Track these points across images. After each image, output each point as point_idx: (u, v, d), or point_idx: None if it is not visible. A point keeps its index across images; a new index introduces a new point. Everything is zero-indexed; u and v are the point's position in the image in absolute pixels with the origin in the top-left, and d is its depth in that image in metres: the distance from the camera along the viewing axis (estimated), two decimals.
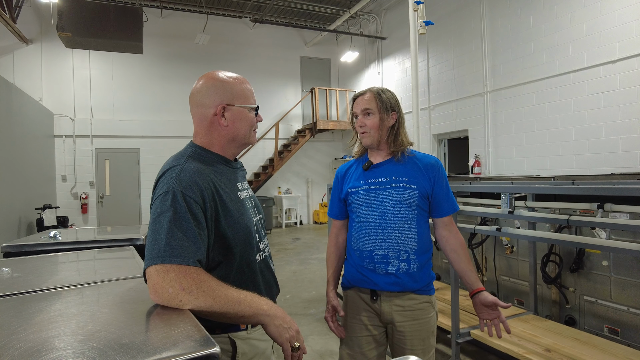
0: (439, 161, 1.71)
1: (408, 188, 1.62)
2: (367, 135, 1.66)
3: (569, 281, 2.99)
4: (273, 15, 11.13)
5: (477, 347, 3.17)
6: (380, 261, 1.61)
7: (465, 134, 8.23)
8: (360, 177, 1.71)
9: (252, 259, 1.23)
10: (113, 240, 2.66)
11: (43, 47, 9.26)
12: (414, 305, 1.64)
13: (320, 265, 6.48)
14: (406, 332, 1.63)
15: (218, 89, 1.24)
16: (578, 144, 6.12)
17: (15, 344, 0.81)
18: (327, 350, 3.37)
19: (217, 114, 1.24)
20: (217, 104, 1.23)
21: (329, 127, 11.15)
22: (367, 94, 1.67)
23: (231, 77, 1.27)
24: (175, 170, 1.14)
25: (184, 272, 1.00)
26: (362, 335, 1.67)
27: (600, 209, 2.49)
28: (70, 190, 9.56)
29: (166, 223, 1.04)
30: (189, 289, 0.99)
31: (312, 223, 12.12)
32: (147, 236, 1.07)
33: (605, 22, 5.73)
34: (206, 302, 1.00)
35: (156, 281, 0.99)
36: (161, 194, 1.09)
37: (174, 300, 0.98)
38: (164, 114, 10.44)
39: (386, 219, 1.61)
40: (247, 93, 1.28)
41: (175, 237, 1.03)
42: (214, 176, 1.19)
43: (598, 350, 2.33)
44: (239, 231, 1.18)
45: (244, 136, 1.29)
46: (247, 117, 1.28)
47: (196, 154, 1.23)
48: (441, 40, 8.64)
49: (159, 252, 1.01)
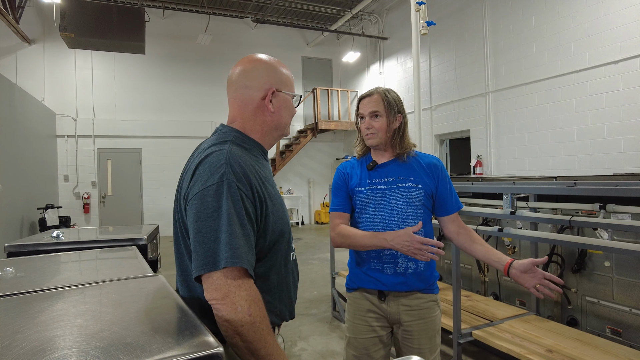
0: (440, 161, 1.73)
1: (414, 187, 1.63)
2: (374, 137, 1.66)
3: (571, 282, 2.99)
4: (275, 16, 11.14)
5: (479, 348, 3.17)
6: (389, 261, 1.62)
7: (467, 134, 8.22)
8: (365, 176, 1.71)
9: (288, 258, 1.17)
10: (115, 240, 2.67)
11: (46, 48, 9.29)
12: (421, 305, 1.65)
13: (322, 266, 6.49)
14: (413, 331, 1.64)
15: (269, 72, 1.15)
16: (580, 144, 6.11)
17: (19, 343, 0.82)
18: (329, 350, 3.37)
19: (265, 98, 1.14)
20: (268, 87, 1.14)
21: (331, 127, 11.15)
22: (374, 95, 1.67)
23: (277, 61, 1.19)
24: (221, 155, 1.02)
25: (253, 295, 0.95)
26: (368, 336, 1.67)
27: (603, 210, 2.49)
28: (73, 190, 9.59)
29: (226, 219, 0.95)
30: (252, 321, 0.93)
31: (313, 223, 12.12)
32: (198, 232, 0.96)
33: (607, 22, 5.71)
34: (255, 345, 0.93)
35: (228, 290, 0.92)
36: (213, 184, 0.97)
37: (237, 322, 0.92)
38: (166, 114, 10.46)
39: (394, 219, 1.62)
40: (292, 80, 1.21)
41: (235, 236, 0.95)
42: (258, 167, 1.09)
43: (600, 351, 2.33)
44: (283, 227, 1.11)
45: (285, 125, 1.21)
46: (291, 106, 1.21)
47: (238, 139, 1.11)
48: (443, 41, 8.63)
49: (229, 253, 0.93)
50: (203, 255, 0.95)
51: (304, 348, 3.42)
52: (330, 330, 3.81)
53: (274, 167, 10.80)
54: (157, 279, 1.40)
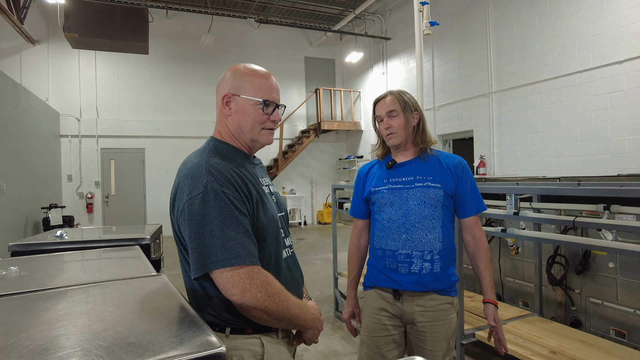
0: (463, 160, 1.71)
1: (432, 187, 1.62)
2: (395, 136, 1.66)
3: (574, 283, 2.97)
4: (278, 16, 11.15)
5: (482, 349, 3.16)
6: (404, 260, 1.61)
7: (470, 134, 8.20)
8: (383, 176, 1.71)
9: (279, 255, 1.22)
10: (118, 239, 2.68)
11: (50, 48, 9.33)
12: (436, 306, 1.62)
13: (324, 266, 6.48)
14: (427, 332, 1.62)
15: (230, 78, 1.21)
16: (584, 144, 6.08)
17: (23, 342, 0.82)
18: (332, 350, 3.37)
19: (222, 102, 1.22)
20: (224, 92, 1.21)
21: (334, 127, 11.14)
22: (388, 96, 1.69)
23: (248, 69, 1.22)
24: (201, 165, 1.11)
25: (264, 278, 1.06)
26: (381, 335, 1.67)
27: (607, 211, 2.47)
28: (76, 190, 9.62)
29: (218, 224, 1.04)
30: (272, 299, 1.06)
31: (316, 223, 12.12)
32: (190, 239, 1.06)
33: (611, 22, 5.69)
34: (280, 313, 1.08)
35: (244, 285, 1.03)
36: (199, 193, 1.06)
37: (261, 305, 1.04)
38: (169, 114, 10.49)
39: (410, 218, 1.61)
40: (259, 86, 1.20)
41: (229, 239, 1.04)
42: (238, 170, 1.16)
43: (604, 353, 2.31)
44: (267, 225, 1.17)
45: (248, 130, 1.22)
46: (251, 110, 1.20)
47: (216, 148, 1.20)
48: (446, 41, 8.61)
49: (226, 255, 1.03)
50: (199, 258, 1.04)
51: (307, 348, 3.42)
52: (333, 330, 3.81)
53: (277, 167, 10.81)
54: (160, 278, 1.41)
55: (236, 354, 1.11)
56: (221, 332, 1.13)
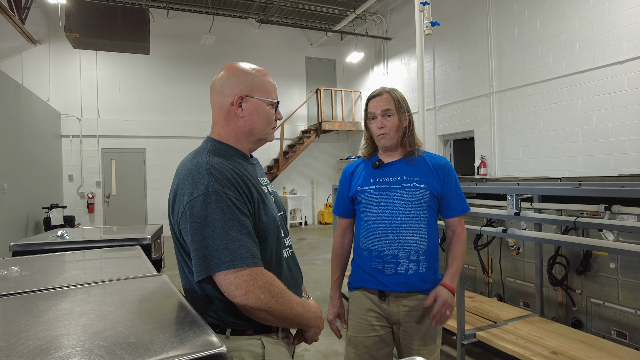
0: (449, 162, 1.71)
1: (419, 188, 1.62)
2: (387, 137, 1.65)
3: (575, 283, 2.97)
4: (278, 16, 11.15)
5: (483, 349, 3.16)
6: (390, 261, 1.61)
7: (471, 134, 8.20)
8: (369, 175, 1.70)
9: (280, 255, 1.23)
10: (119, 239, 2.68)
11: (51, 48, 9.34)
12: (422, 306, 1.63)
13: (325, 266, 6.48)
14: (413, 332, 1.63)
15: (239, 78, 1.20)
16: (585, 145, 6.07)
17: (24, 342, 0.82)
18: (332, 350, 3.37)
19: (234, 104, 1.19)
20: (236, 93, 1.19)
21: (334, 127, 11.14)
22: (384, 94, 1.66)
23: (254, 69, 1.23)
24: (201, 166, 1.10)
25: (267, 279, 1.06)
26: (370, 335, 1.67)
27: (608, 211, 2.47)
28: (77, 190, 9.63)
29: (221, 226, 1.03)
30: (275, 300, 1.06)
31: (316, 223, 12.12)
32: (192, 241, 1.04)
33: (613, 22, 5.68)
34: (284, 313, 1.09)
35: (247, 287, 1.03)
36: (200, 194, 1.05)
37: (264, 306, 1.04)
38: (170, 114, 10.50)
39: (397, 219, 1.61)
40: (268, 86, 1.23)
41: (232, 240, 1.03)
42: (238, 170, 1.15)
43: (605, 353, 2.31)
44: (268, 225, 1.17)
45: (260, 131, 1.23)
46: (264, 111, 1.22)
47: (215, 148, 1.19)
48: (447, 41, 8.61)
49: (229, 257, 1.02)
50: (202, 260, 1.03)
51: (307, 348, 3.42)
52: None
53: (278, 167, 10.81)
54: (161, 278, 1.41)
55: (237, 355, 1.11)
56: (221, 333, 1.13)
